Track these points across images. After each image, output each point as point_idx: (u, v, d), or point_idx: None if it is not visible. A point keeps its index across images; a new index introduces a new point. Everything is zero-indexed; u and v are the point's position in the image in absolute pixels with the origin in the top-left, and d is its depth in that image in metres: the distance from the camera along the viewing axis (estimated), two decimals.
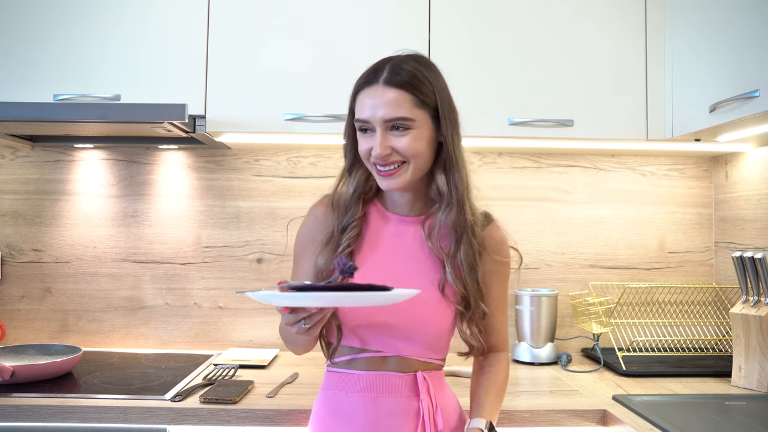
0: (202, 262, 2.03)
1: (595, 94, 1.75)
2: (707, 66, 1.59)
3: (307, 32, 1.73)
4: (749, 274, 1.62)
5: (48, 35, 1.71)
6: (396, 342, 1.12)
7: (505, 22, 1.75)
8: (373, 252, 1.15)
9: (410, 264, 1.14)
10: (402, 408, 1.11)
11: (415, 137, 1.08)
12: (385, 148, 1.07)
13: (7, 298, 2.01)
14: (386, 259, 1.15)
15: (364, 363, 1.14)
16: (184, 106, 1.56)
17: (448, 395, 1.20)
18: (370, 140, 1.09)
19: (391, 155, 1.08)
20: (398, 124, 1.07)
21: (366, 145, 1.10)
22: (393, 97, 1.06)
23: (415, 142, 1.08)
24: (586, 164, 2.08)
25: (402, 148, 1.07)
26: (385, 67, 1.09)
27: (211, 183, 2.04)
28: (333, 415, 1.14)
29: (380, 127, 1.07)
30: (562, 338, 2.03)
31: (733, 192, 1.97)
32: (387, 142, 1.07)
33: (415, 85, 1.08)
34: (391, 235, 1.17)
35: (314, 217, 1.21)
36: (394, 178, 1.09)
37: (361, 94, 1.10)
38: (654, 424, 1.27)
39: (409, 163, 1.09)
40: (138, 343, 2.01)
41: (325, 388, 1.18)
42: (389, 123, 1.07)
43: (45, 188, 2.03)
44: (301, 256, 1.21)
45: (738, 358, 1.61)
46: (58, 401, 1.39)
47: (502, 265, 1.21)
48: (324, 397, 1.18)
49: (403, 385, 1.12)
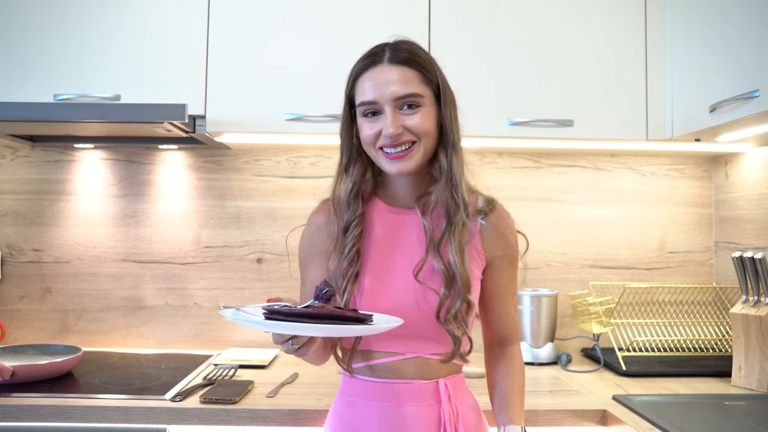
0: (202, 262, 2.03)
1: (595, 94, 1.75)
2: (707, 66, 1.59)
3: (307, 32, 1.73)
4: (749, 274, 1.62)
5: (48, 35, 1.71)
6: (409, 342, 1.09)
7: (505, 22, 1.75)
8: (376, 248, 1.12)
9: (414, 257, 1.11)
10: (423, 416, 1.08)
11: (426, 114, 1.06)
12: (397, 127, 1.03)
13: (8, 298, 2.01)
14: (389, 254, 1.12)
15: (383, 369, 1.10)
16: (184, 106, 1.56)
17: (469, 400, 1.17)
18: (376, 123, 1.06)
19: (402, 134, 1.04)
20: (409, 101, 1.05)
21: (371, 130, 1.06)
22: (401, 74, 1.05)
23: (426, 120, 1.06)
24: (586, 164, 2.08)
25: (414, 126, 1.05)
26: (385, 49, 1.08)
27: (211, 183, 2.04)
28: (351, 422, 1.11)
29: (389, 105, 1.04)
30: (562, 338, 2.03)
31: (733, 192, 1.97)
32: (398, 121, 1.04)
33: (419, 62, 1.07)
34: (392, 230, 1.14)
35: (316, 226, 1.18)
36: (406, 160, 1.06)
37: (363, 77, 1.07)
38: (654, 424, 1.27)
39: (420, 142, 1.06)
40: (138, 343, 2.01)
41: (346, 394, 1.14)
42: (399, 101, 1.04)
43: (45, 188, 2.03)
44: (307, 266, 1.18)
45: (738, 358, 1.62)
46: (59, 401, 1.39)
47: (507, 253, 1.17)
48: (343, 403, 1.14)
49: (425, 393, 1.09)
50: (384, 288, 1.10)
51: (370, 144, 1.07)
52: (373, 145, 1.07)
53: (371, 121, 1.07)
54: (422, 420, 1.08)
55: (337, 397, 1.17)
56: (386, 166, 1.08)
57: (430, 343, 1.10)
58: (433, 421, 1.08)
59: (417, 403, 1.09)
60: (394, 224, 1.14)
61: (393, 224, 1.14)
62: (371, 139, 1.07)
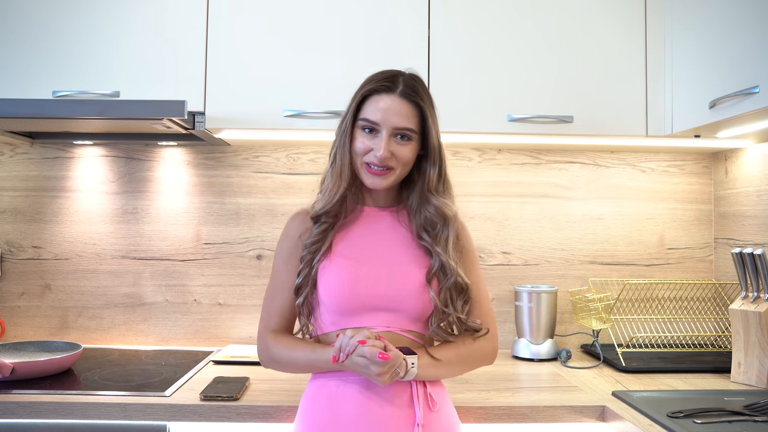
0: (202, 259, 2.03)
1: (595, 90, 1.75)
2: (707, 62, 1.58)
3: (306, 27, 1.73)
4: (749, 270, 1.62)
5: (47, 31, 1.71)
6: (382, 316, 1.16)
7: (505, 18, 1.75)
8: (358, 234, 1.23)
9: (387, 237, 1.24)
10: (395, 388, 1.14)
11: (412, 149, 1.21)
12: (387, 152, 1.18)
13: (7, 295, 2.01)
14: (367, 239, 1.23)
15: None
16: (183, 102, 1.56)
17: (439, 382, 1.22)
18: (371, 141, 1.19)
19: (389, 159, 1.18)
20: (404, 133, 1.19)
21: (365, 145, 1.19)
22: (407, 110, 1.19)
23: (411, 153, 1.21)
24: (586, 160, 2.08)
25: (400, 156, 1.19)
26: (399, 81, 1.20)
27: (211, 180, 2.04)
28: (327, 399, 1.16)
29: (387, 131, 1.18)
30: (562, 334, 2.03)
31: (733, 188, 1.97)
32: (390, 147, 1.18)
33: (423, 105, 1.20)
34: (369, 222, 1.26)
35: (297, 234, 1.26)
36: (383, 179, 1.20)
37: (375, 98, 1.20)
38: (653, 420, 1.27)
39: (396, 170, 1.20)
40: (138, 340, 2.01)
41: (319, 376, 1.20)
42: (397, 131, 1.18)
43: (44, 185, 2.03)
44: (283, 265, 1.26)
45: (737, 354, 1.62)
46: (59, 398, 1.39)
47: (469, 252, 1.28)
48: (318, 382, 1.19)
49: None
50: (356, 263, 1.19)
51: (360, 155, 1.20)
52: (361, 157, 1.20)
53: (367, 137, 1.20)
54: (394, 393, 1.14)
55: (310, 380, 1.23)
56: (366, 178, 1.21)
57: (401, 318, 1.18)
58: (405, 395, 1.14)
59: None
60: (370, 218, 1.26)
61: (369, 218, 1.26)
62: (362, 151, 1.20)
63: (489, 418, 1.37)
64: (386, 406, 1.13)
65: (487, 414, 1.37)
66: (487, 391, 1.50)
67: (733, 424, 1.25)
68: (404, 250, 1.22)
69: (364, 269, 1.18)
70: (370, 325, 1.16)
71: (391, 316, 1.17)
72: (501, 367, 1.77)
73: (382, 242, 1.23)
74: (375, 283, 1.17)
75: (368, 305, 1.17)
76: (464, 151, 2.06)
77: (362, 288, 1.16)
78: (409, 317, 1.18)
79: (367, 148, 1.19)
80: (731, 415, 1.29)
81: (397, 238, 1.24)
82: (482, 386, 1.55)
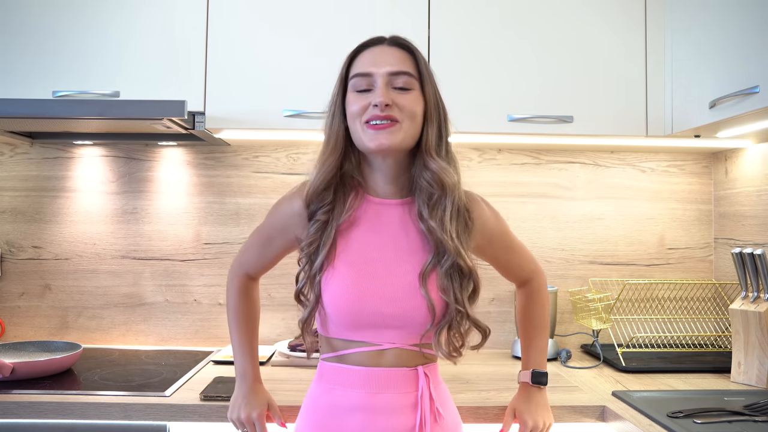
0: (202, 259, 2.03)
1: (595, 90, 1.75)
2: (707, 62, 1.58)
3: (306, 28, 1.73)
4: (749, 270, 1.62)
5: (46, 31, 1.71)
6: (390, 332, 1.10)
7: (505, 18, 1.75)
8: (362, 233, 1.12)
9: (394, 242, 1.12)
10: (400, 402, 1.10)
11: (415, 98, 1.08)
12: (387, 97, 1.05)
13: (7, 295, 2.01)
14: (370, 237, 1.12)
15: (361, 357, 1.11)
16: (183, 102, 1.56)
17: (443, 389, 1.20)
18: (366, 98, 1.07)
19: (391, 108, 1.05)
20: (402, 80, 1.07)
21: (361, 103, 1.07)
22: (399, 55, 1.09)
23: (415, 103, 1.08)
24: (586, 160, 2.08)
25: (404, 105, 1.06)
26: (384, 37, 1.13)
27: (211, 180, 2.04)
28: (327, 409, 1.12)
29: (382, 79, 1.07)
30: (562, 334, 2.03)
31: (733, 188, 1.97)
32: (390, 95, 1.06)
33: (416, 54, 1.12)
34: (374, 219, 1.14)
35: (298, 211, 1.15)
36: (388, 133, 1.05)
37: (363, 54, 1.11)
38: (653, 420, 1.27)
39: (403, 123, 1.06)
40: (138, 340, 2.01)
41: (324, 381, 1.15)
42: (393, 77, 1.07)
43: (44, 185, 2.03)
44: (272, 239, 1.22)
45: (737, 354, 1.62)
46: (59, 398, 1.39)
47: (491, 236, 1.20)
48: (320, 390, 1.15)
49: (403, 380, 1.11)
50: (362, 276, 1.09)
51: (357, 116, 1.07)
52: (359, 118, 1.07)
53: (362, 96, 1.08)
54: (400, 404, 1.10)
55: (314, 384, 1.18)
56: (369, 139, 1.06)
57: (407, 334, 1.11)
58: (410, 405, 1.10)
59: (395, 389, 1.11)
60: (376, 212, 1.14)
61: (374, 212, 1.14)
62: (359, 111, 1.07)
63: (489, 418, 1.37)
64: (391, 417, 1.09)
65: (487, 414, 1.37)
66: (487, 391, 1.50)
67: (733, 424, 1.25)
68: (411, 255, 1.10)
69: (370, 285, 1.08)
70: (376, 341, 1.10)
71: (398, 332, 1.10)
72: (501, 367, 1.77)
73: (389, 244, 1.11)
74: (381, 301, 1.08)
75: (374, 323, 1.09)
76: (464, 151, 2.06)
77: (367, 306, 1.08)
78: (416, 332, 1.11)
79: (364, 106, 1.06)
80: (731, 415, 1.29)
81: (406, 238, 1.12)
82: (482, 386, 1.55)
